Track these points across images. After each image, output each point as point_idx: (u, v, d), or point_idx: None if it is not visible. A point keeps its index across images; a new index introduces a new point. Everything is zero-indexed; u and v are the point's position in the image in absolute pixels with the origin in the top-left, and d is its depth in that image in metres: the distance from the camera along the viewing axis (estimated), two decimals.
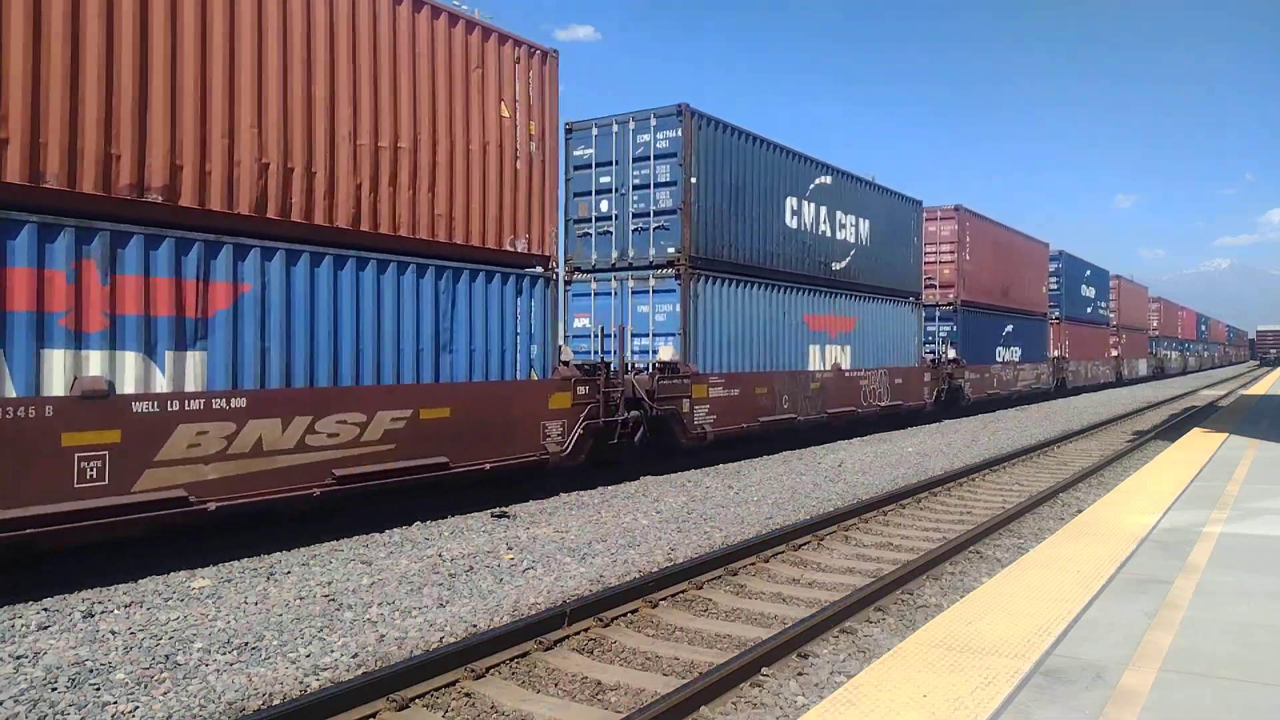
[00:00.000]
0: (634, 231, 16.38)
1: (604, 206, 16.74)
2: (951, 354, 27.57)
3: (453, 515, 11.09)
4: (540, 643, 6.41)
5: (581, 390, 12.97)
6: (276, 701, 5.43)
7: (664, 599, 7.66)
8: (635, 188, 16.41)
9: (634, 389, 14.15)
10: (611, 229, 16.67)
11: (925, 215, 27.21)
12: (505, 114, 11.96)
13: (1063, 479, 14.48)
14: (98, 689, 5.54)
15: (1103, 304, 48.51)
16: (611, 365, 13.93)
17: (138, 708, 5.29)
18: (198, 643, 6.36)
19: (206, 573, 8.30)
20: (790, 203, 18.84)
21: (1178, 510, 8.84)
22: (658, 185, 16.12)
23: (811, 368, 19.32)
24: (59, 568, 8.10)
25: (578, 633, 6.73)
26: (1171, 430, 22.42)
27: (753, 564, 8.96)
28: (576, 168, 17.05)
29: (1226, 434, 16.51)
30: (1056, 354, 39.06)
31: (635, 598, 7.50)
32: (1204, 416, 25.62)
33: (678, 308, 15.67)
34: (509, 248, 12.10)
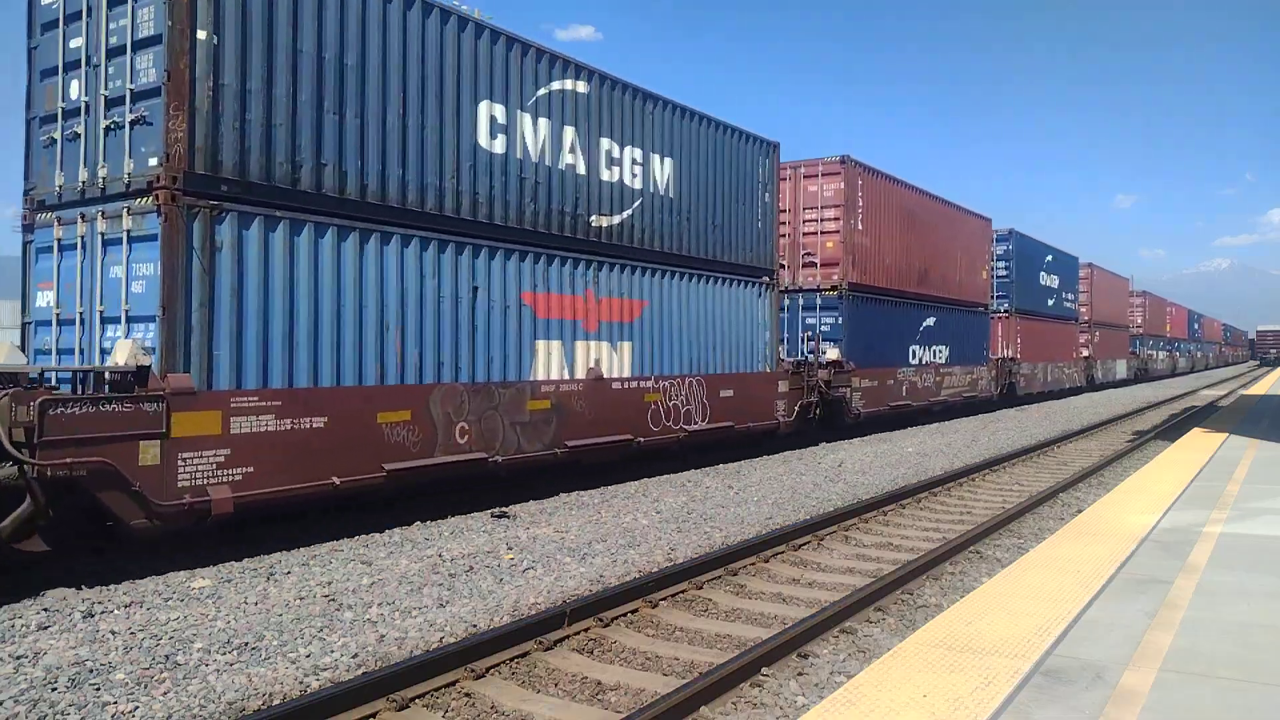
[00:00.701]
0: (107, 131, 9.27)
1: (74, 91, 9.65)
2: (832, 354, 20.56)
3: (453, 515, 11.08)
4: (540, 643, 6.41)
5: None
6: (276, 701, 5.43)
7: (664, 599, 7.66)
8: (110, 53, 9.33)
9: None
10: (81, 129, 9.52)
11: (804, 170, 21.42)
12: None
13: (1063, 479, 14.48)
14: (98, 689, 5.54)
15: (1070, 296, 40.90)
16: None
17: (138, 708, 5.29)
18: (198, 643, 6.36)
19: (206, 573, 8.30)
20: (491, 112, 11.97)
21: (1178, 510, 8.84)
22: (138, 46, 9.09)
23: (541, 376, 12.63)
24: (59, 567, 8.09)
25: (578, 633, 6.73)
26: (1171, 430, 22.42)
27: (753, 564, 8.96)
28: (45, 26, 9.99)
29: (1226, 434, 16.50)
30: (1005, 354, 32.15)
31: (635, 598, 7.50)
32: (1204, 416, 25.62)
33: (159, 269, 8.66)
34: None
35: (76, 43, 9.63)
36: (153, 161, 8.85)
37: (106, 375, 8.33)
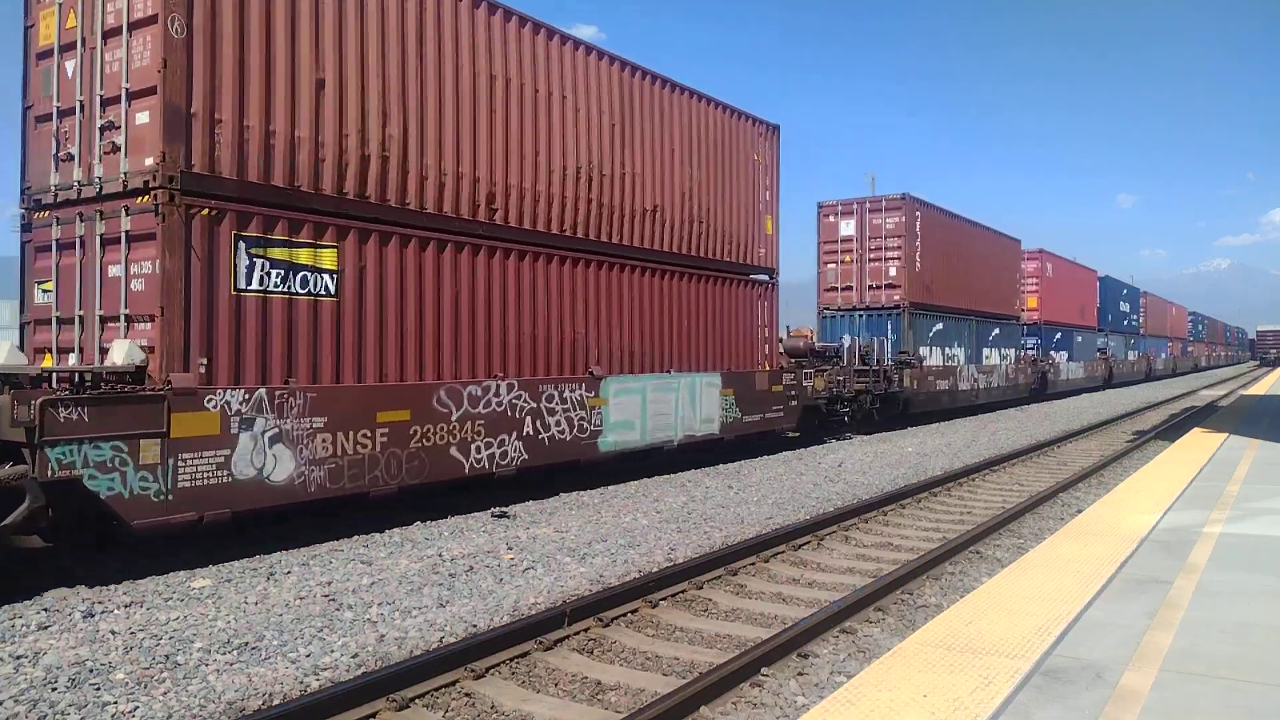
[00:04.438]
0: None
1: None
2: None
3: (453, 515, 11.08)
4: (540, 643, 6.41)
5: None
6: (276, 701, 5.43)
7: (664, 599, 7.66)
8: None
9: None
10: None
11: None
12: None
13: (1063, 479, 14.47)
14: (98, 689, 5.54)
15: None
16: None
17: (138, 708, 5.29)
18: (198, 643, 6.36)
19: (206, 573, 8.30)
20: None
21: (1178, 510, 8.84)
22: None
23: None
24: (60, 567, 8.09)
25: (578, 633, 6.73)
26: (1171, 430, 22.41)
27: (753, 564, 8.96)
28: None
29: (1226, 434, 16.49)
30: None
31: (635, 598, 7.50)
32: (1204, 417, 25.61)
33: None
34: None
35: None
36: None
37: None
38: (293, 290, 9.58)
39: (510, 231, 12.19)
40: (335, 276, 9.97)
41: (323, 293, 9.87)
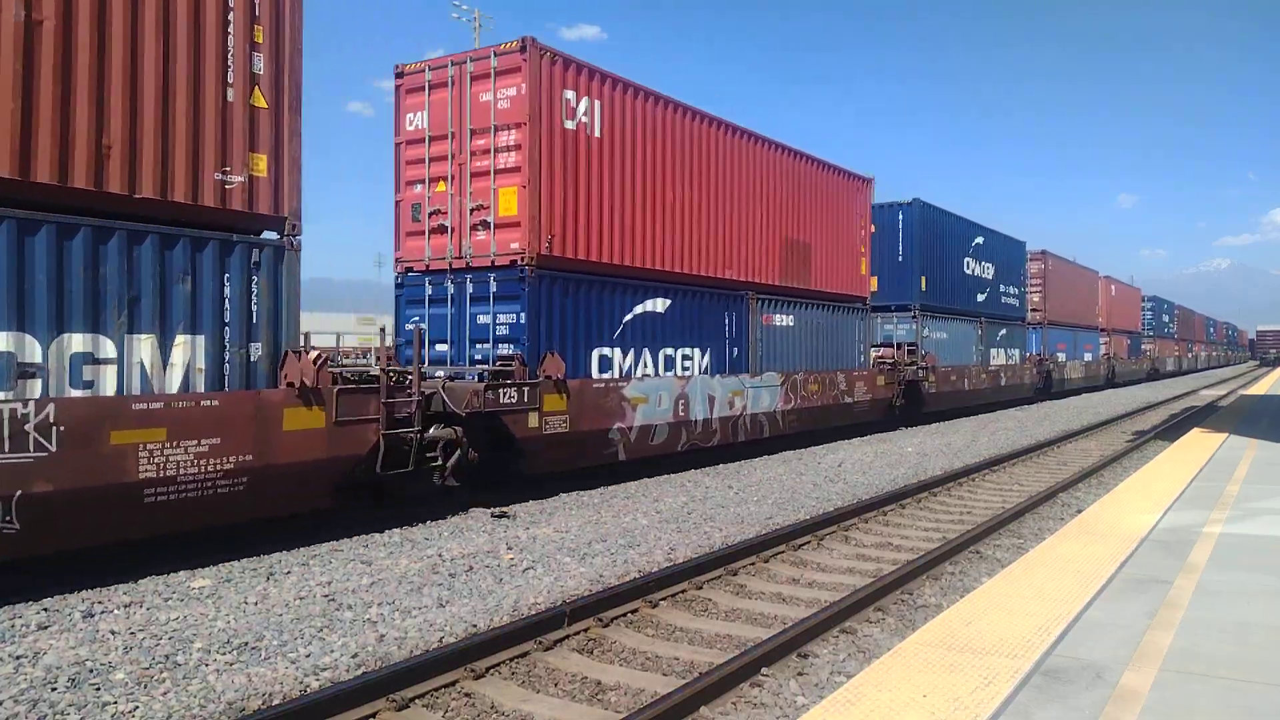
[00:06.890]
0: None
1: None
2: None
3: (453, 515, 11.09)
4: (540, 643, 6.41)
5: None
6: (276, 701, 5.43)
7: (664, 599, 7.66)
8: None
9: None
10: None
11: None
12: None
13: (1062, 479, 14.47)
14: (98, 689, 5.54)
15: None
16: None
17: (138, 708, 5.29)
18: (198, 643, 6.37)
19: (206, 573, 8.30)
20: None
21: (1178, 510, 8.84)
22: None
23: None
24: (59, 568, 8.09)
25: (578, 633, 6.73)
26: (1171, 430, 22.41)
27: (753, 564, 8.96)
28: None
29: (1226, 434, 16.49)
30: None
31: (635, 598, 7.50)
32: (1204, 417, 25.61)
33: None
34: None
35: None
36: None
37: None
38: None
39: None
40: None
41: None
